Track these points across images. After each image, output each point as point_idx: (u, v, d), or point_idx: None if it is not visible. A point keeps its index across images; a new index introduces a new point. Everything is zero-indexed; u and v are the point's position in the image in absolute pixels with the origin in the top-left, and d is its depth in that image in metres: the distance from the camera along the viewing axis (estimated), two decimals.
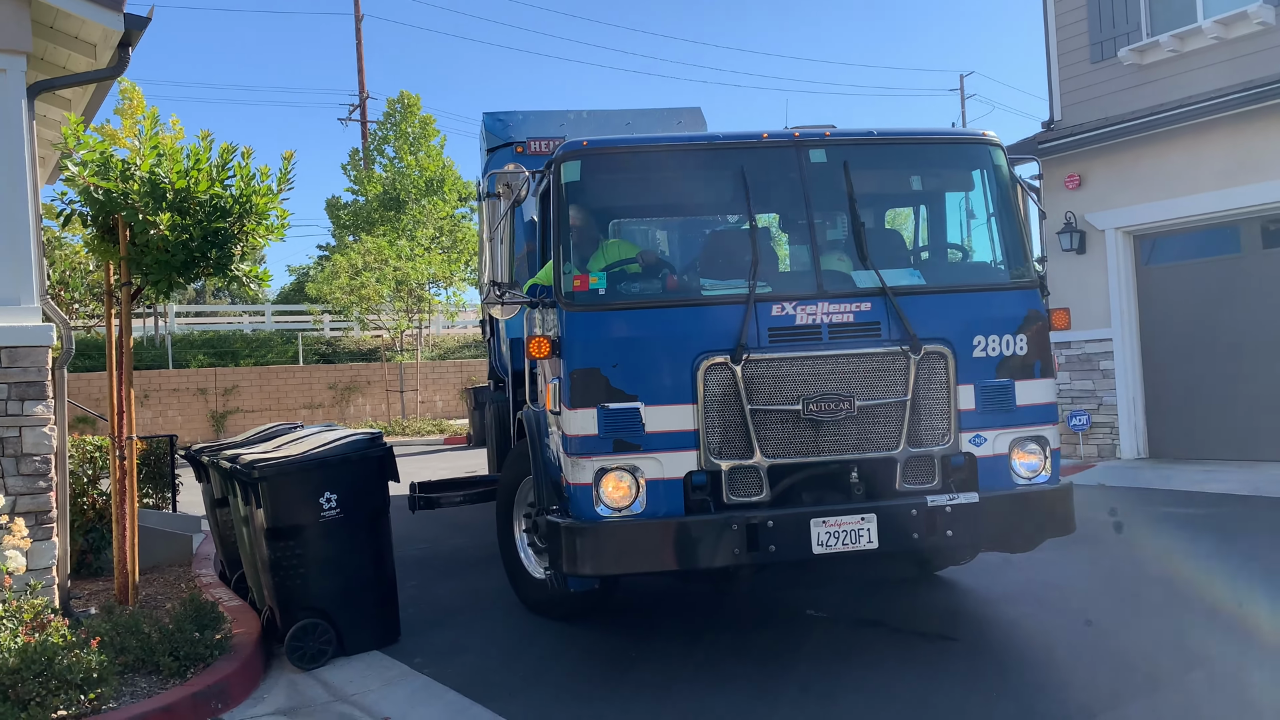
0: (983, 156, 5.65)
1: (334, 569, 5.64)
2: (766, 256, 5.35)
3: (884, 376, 5.00)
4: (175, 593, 7.08)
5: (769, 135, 5.42)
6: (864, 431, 4.98)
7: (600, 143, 5.52)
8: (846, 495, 4.97)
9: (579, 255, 5.34)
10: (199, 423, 23.49)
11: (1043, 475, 5.22)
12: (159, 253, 6.11)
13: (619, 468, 4.88)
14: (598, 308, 5.10)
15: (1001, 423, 5.15)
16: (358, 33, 34.89)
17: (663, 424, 4.89)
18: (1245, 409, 10.74)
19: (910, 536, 4.86)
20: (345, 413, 25.04)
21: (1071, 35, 12.69)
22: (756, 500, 4.89)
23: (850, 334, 5.03)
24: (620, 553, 4.80)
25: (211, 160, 6.33)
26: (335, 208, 30.87)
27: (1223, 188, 10.72)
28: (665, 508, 4.87)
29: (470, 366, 27.22)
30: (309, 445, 5.91)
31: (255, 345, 26.79)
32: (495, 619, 6.34)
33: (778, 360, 4.93)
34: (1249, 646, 5.06)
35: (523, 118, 9.57)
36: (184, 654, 5.11)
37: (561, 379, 5.02)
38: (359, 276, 23.87)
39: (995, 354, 5.16)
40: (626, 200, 6.17)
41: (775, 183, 5.46)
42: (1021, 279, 5.44)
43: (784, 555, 4.77)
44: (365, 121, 34.47)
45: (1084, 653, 5.11)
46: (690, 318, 5.07)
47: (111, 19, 5.74)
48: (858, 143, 5.49)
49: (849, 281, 5.24)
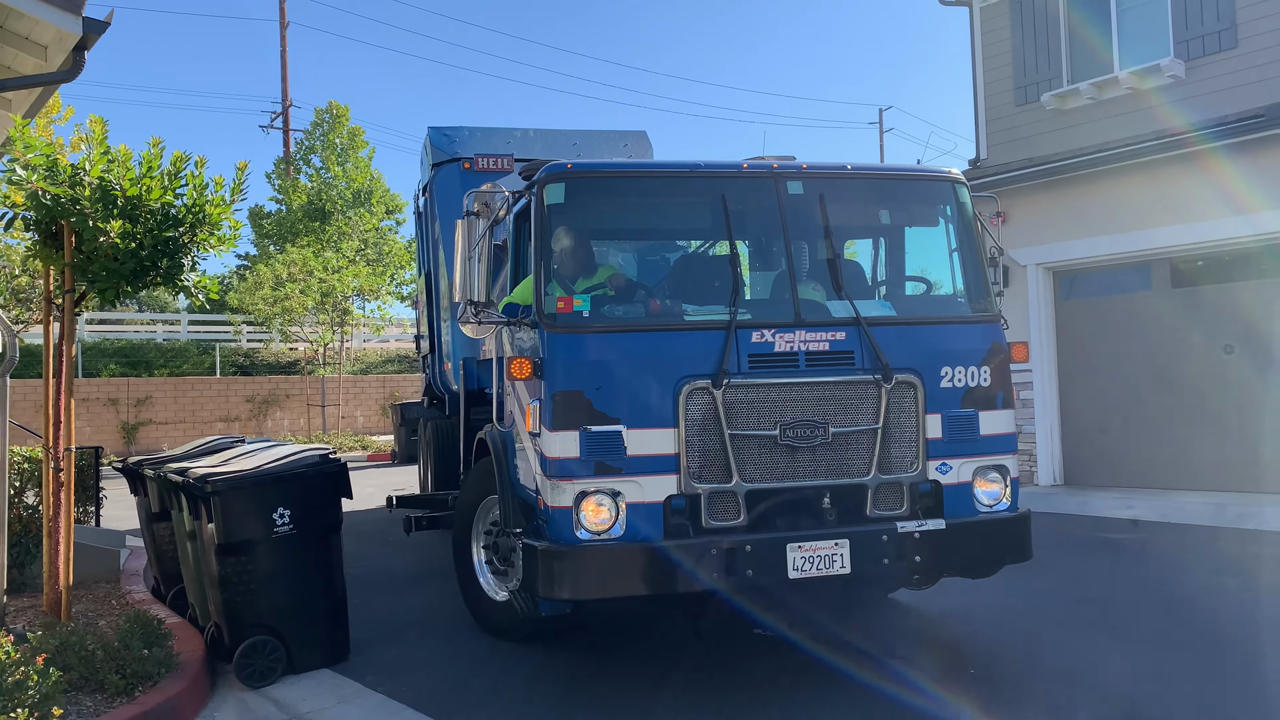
0: (949, 193, 5.83)
1: (285, 585, 5.57)
2: (748, 284, 5.38)
3: (857, 404, 5.10)
4: (106, 609, 6.86)
5: (748, 165, 5.52)
6: (837, 458, 5.07)
7: (585, 166, 5.54)
8: (819, 521, 5.04)
9: (561, 277, 5.33)
10: (109, 434, 22.68)
11: (1003, 503, 5.37)
12: (108, 260, 5.96)
13: (600, 491, 4.85)
14: (582, 330, 5.07)
15: (966, 451, 5.28)
16: (282, 39, 34.37)
17: (644, 447, 4.88)
18: (1154, 439, 11.31)
19: (881, 562, 4.96)
20: (263, 426, 24.45)
21: (997, 79, 13.28)
22: (734, 525, 4.92)
23: (826, 362, 5.12)
24: (599, 577, 4.79)
25: (163, 168, 6.22)
26: (258, 216, 30.24)
27: (1136, 229, 11.31)
28: (645, 532, 4.85)
29: (394, 381, 26.86)
30: (259, 460, 5.82)
31: (170, 355, 26.00)
32: (444, 636, 6.32)
33: (757, 386, 5.00)
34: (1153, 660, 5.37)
35: (468, 134, 9.60)
36: (131, 671, 4.97)
37: (542, 400, 4.96)
38: (282, 287, 23.39)
39: (961, 384, 5.32)
40: (608, 223, 6.19)
41: (754, 212, 5.57)
42: (985, 312, 5.62)
43: (761, 580, 4.80)
44: (288, 129, 33.90)
45: (1017, 667, 5.36)
46: (673, 342, 5.09)
47: (69, 21, 5.62)
48: (832, 176, 5.61)
49: (825, 311, 5.32)
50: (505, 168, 9.01)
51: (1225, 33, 11.03)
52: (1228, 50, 11.02)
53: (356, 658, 5.85)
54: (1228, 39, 11.02)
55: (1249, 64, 10.85)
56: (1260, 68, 10.75)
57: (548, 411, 4.91)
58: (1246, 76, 10.83)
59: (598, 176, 5.58)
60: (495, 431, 5.95)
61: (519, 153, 9.18)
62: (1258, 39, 10.79)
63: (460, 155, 9.26)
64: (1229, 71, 10.99)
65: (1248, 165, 10.14)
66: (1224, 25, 11.02)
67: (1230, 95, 10.79)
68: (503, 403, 5.82)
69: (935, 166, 6.14)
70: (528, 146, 9.40)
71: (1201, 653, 5.53)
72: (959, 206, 5.80)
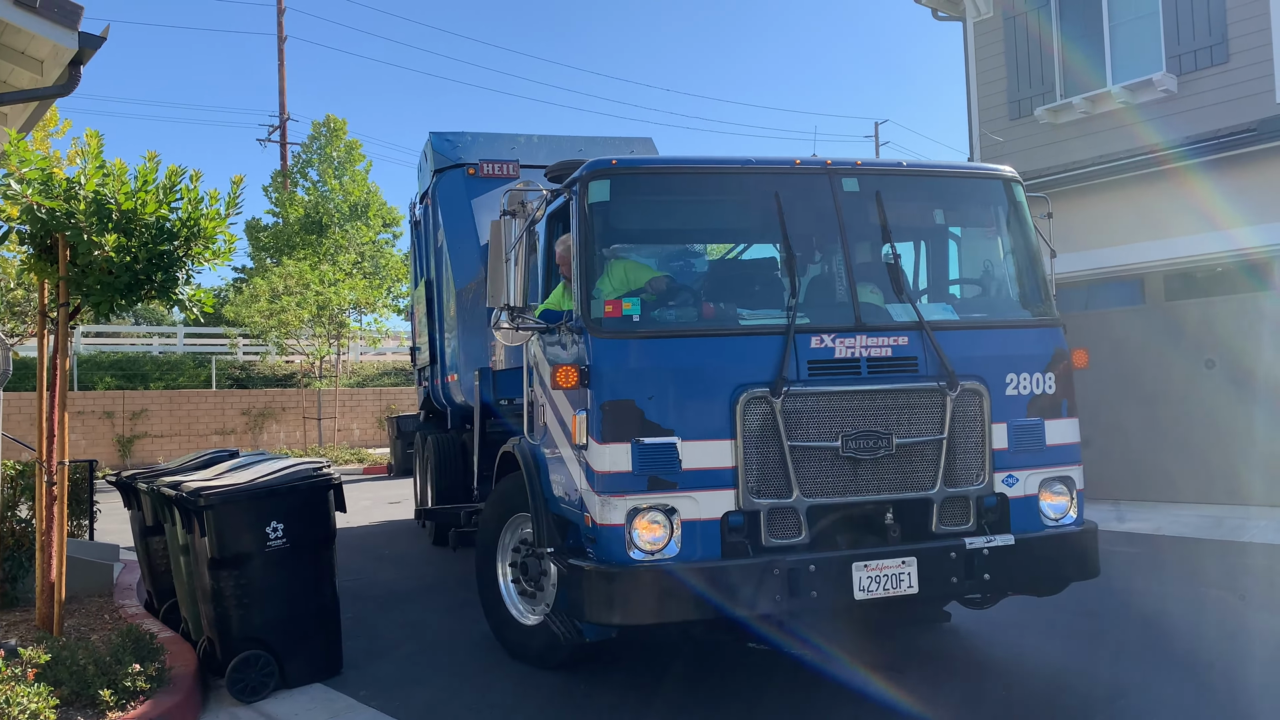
0: (1006, 192, 5.57)
1: (278, 600, 5.55)
2: (803, 286, 5.12)
3: (921, 413, 4.85)
4: (99, 624, 6.84)
5: (801, 162, 5.26)
6: (901, 470, 4.81)
7: (630, 162, 5.24)
8: (883, 538, 4.79)
9: (605, 279, 5.06)
10: (104, 447, 22.63)
11: (1069, 516, 5.15)
12: (102, 274, 5.97)
13: (653, 507, 4.56)
14: (632, 335, 4.79)
15: (1032, 462, 5.06)
16: (280, 53, 34.43)
17: (700, 460, 4.60)
18: (1149, 451, 11.32)
19: (950, 580, 4.73)
20: (259, 440, 24.41)
21: (991, 93, 13.35)
22: (795, 543, 4.65)
23: (888, 369, 4.87)
24: (654, 600, 4.47)
25: (158, 181, 6.23)
26: (255, 229, 30.27)
27: (1129, 243, 11.35)
28: (701, 551, 4.57)
29: (390, 394, 26.84)
30: (253, 473, 5.82)
31: (166, 368, 25.98)
32: (438, 651, 6.30)
33: (817, 395, 4.74)
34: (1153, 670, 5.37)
35: (471, 139, 9.49)
36: (122, 687, 4.95)
37: (590, 411, 4.66)
38: (279, 300, 23.40)
39: (1026, 392, 5.08)
40: (654, 223, 5.89)
41: (807, 210, 5.24)
42: (1045, 316, 5.39)
43: (826, 601, 4.54)
44: (285, 143, 33.95)
45: (1028, 681, 5.34)
46: (728, 348, 4.80)
47: (65, 36, 5.65)
48: (888, 173, 5.37)
49: (885, 314, 5.05)
50: (511, 174, 8.94)
51: (1217, 48, 11.10)
52: (1219, 65, 11.09)
53: (350, 672, 5.83)
54: (1219, 54, 11.09)
55: (1240, 78, 10.91)
56: (1251, 82, 10.81)
57: (596, 422, 4.63)
58: (1238, 91, 10.90)
59: (644, 174, 5.28)
60: (524, 445, 5.67)
61: (524, 159, 9.13)
62: (1249, 54, 10.86)
63: (464, 161, 9.15)
64: (1220, 86, 11.05)
65: (1239, 180, 10.19)
66: (1215, 40, 11.09)
67: (1222, 110, 10.86)
68: (534, 414, 5.52)
69: (990, 164, 5.85)
70: (532, 152, 9.33)
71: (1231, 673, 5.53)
72: (1015, 205, 5.56)
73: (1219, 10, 11.06)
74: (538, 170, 9.00)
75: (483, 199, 8.85)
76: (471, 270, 8.44)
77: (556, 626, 5.12)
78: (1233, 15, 10.98)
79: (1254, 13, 10.79)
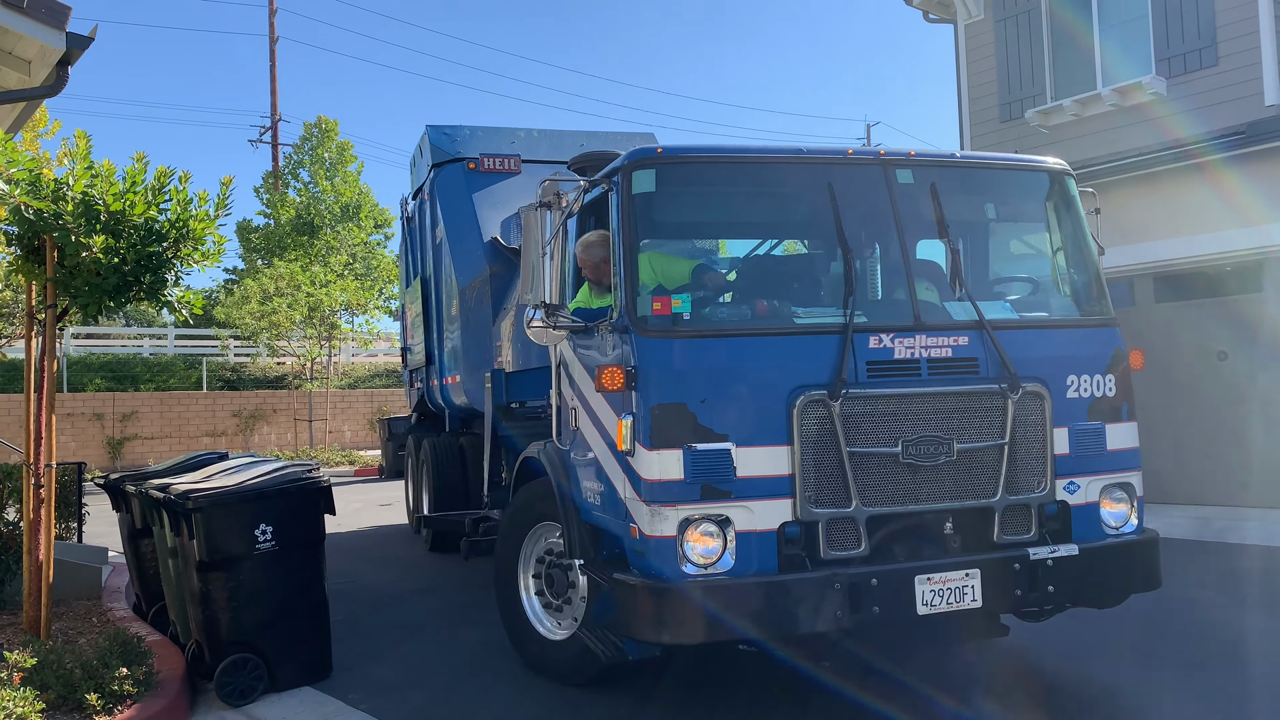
0: (1060, 185, 5.37)
1: (267, 602, 5.53)
2: (859, 282, 4.85)
3: (983, 417, 4.63)
4: (87, 627, 6.80)
5: (853, 152, 5.07)
6: (961, 477, 4.58)
7: (676, 150, 4.92)
8: (941, 548, 4.59)
9: (650, 274, 4.80)
10: (94, 449, 22.54)
11: (1130, 524, 4.96)
12: (90, 276, 5.95)
13: (707, 517, 4.31)
14: (683, 334, 4.53)
15: (1094, 468, 4.86)
16: (272, 54, 34.38)
17: (755, 468, 4.35)
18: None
19: (1014, 593, 4.53)
20: (250, 441, 24.35)
21: (982, 95, 13.38)
22: (854, 555, 4.41)
23: (949, 370, 4.65)
24: (710, 618, 4.20)
25: (147, 182, 6.21)
26: (246, 231, 30.21)
27: (1119, 244, 11.37)
28: (757, 564, 4.32)
29: (381, 396, 26.79)
30: (243, 476, 5.79)
31: (156, 370, 25.89)
32: (430, 654, 6.28)
33: (877, 397, 4.51)
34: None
35: (470, 133, 9.28)
36: (109, 690, 4.92)
37: (637, 415, 4.41)
38: (270, 301, 23.34)
39: (1087, 394, 4.89)
40: (701, 215, 5.63)
41: (861, 202, 4.98)
42: (1103, 315, 5.20)
43: (888, 617, 4.32)
44: (277, 144, 33.88)
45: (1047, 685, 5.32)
46: (784, 348, 4.56)
47: (53, 37, 5.62)
48: (942, 164, 5.17)
49: (944, 313, 4.84)
50: (513, 168, 8.78)
51: (1206, 50, 11.13)
52: (1208, 68, 11.12)
53: (340, 675, 5.81)
54: (1208, 56, 11.12)
55: (1229, 81, 10.95)
56: (1240, 85, 10.86)
57: (645, 427, 4.36)
58: (1227, 94, 10.93)
59: (692, 162, 4.94)
60: (550, 450, 5.42)
61: (525, 153, 8.94)
62: (1238, 56, 10.89)
63: (463, 155, 8.95)
64: (1210, 89, 11.09)
65: (1229, 182, 10.23)
66: (1205, 43, 11.13)
67: (1211, 112, 10.89)
68: (564, 418, 5.27)
69: (1042, 157, 5.62)
70: (533, 147, 9.16)
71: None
72: (1069, 199, 5.36)
73: (1208, 13, 11.10)
74: (539, 165, 8.86)
75: (484, 194, 8.65)
76: (475, 267, 8.24)
77: (594, 643, 4.84)
78: (1221, 18, 11.02)
79: (1243, 16, 10.83)
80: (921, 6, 14.03)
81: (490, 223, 8.39)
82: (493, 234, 8.24)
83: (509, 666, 5.84)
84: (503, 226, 8.32)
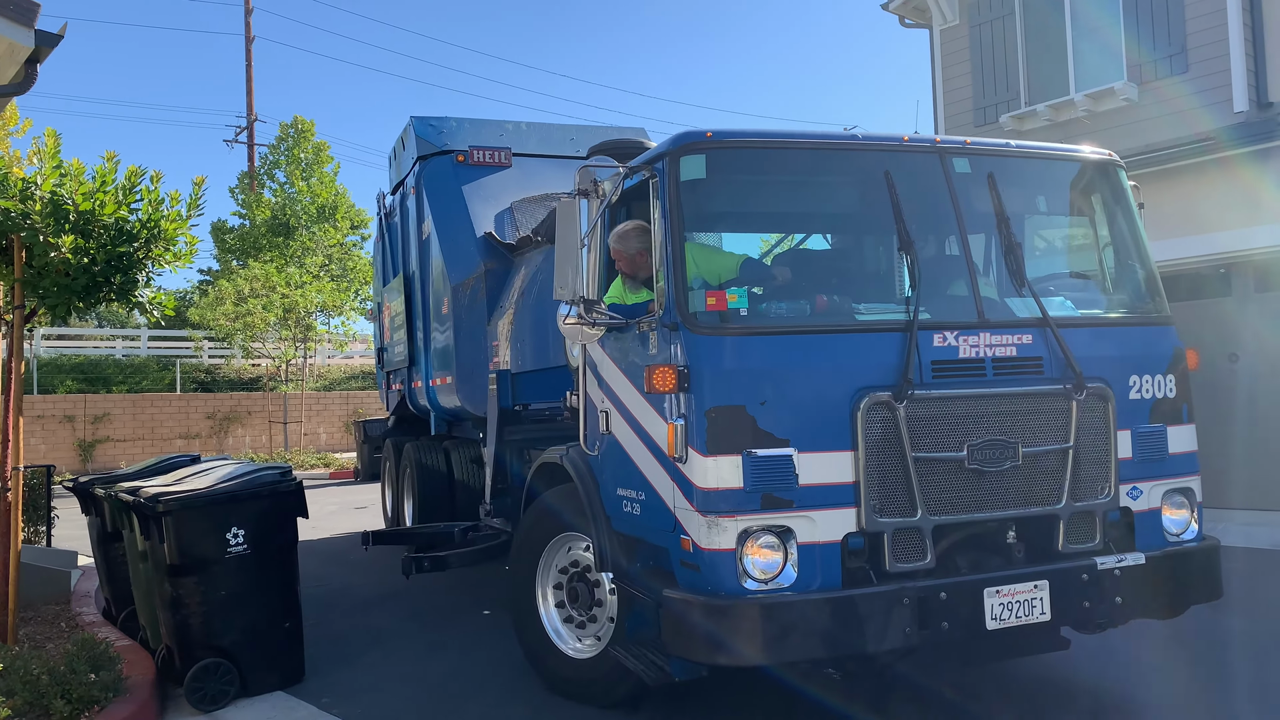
0: (1113, 176, 5.19)
1: (239, 607, 5.48)
2: (921, 277, 4.57)
3: (1047, 420, 4.44)
4: (56, 632, 6.72)
5: (909, 139, 4.83)
6: (1027, 483, 4.38)
7: (727, 135, 4.60)
8: (1006, 559, 4.38)
9: (698, 267, 4.52)
10: (65, 451, 22.26)
11: (1191, 530, 4.77)
12: (59, 276, 5.88)
13: (767, 529, 4.05)
14: (740, 331, 4.26)
15: (1156, 473, 4.68)
16: (248, 54, 34.07)
17: (818, 475, 4.11)
18: None
19: (1082, 605, 4.34)
20: (224, 444, 24.12)
21: (957, 100, 13.48)
22: (920, 567, 4.18)
23: (1013, 370, 4.44)
24: (773, 638, 3.95)
25: (118, 182, 6.15)
26: (221, 231, 29.93)
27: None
28: (821, 578, 4.07)
29: (357, 398, 26.61)
30: (214, 478, 5.74)
31: (129, 371, 25.58)
32: (402, 658, 6.25)
33: (942, 399, 4.28)
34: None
35: (457, 124, 8.95)
36: (77, 697, 4.86)
37: (690, 418, 4.13)
38: (245, 303, 23.14)
39: (1149, 395, 4.71)
40: (752, 205, 5.32)
41: (918, 192, 4.74)
42: (1161, 312, 5.02)
43: (957, 633, 4.11)
44: (253, 144, 33.58)
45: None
46: (846, 346, 4.32)
47: (21, 34, 5.55)
48: (998, 153, 4.96)
49: (1006, 309, 4.64)
50: (503, 161, 8.53)
51: (1176, 57, 11.27)
52: (1179, 74, 11.26)
53: (312, 680, 5.77)
54: (1179, 64, 11.26)
55: (1200, 87, 11.09)
56: (1210, 91, 11.00)
57: (700, 432, 4.08)
58: (1197, 100, 11.07)
59: (744, 147, 4.66)
60: (575, 455, 5.15)
61: (515, 147, 8.69)
62: (1208, 64, 11.03)
63: (451, 147, 8.64)
64: (1180, 95, 11.23)
65: (1195, 188, 10.34)
66: (1175, 50, 11.27)
67: (1182, 118, 11.02)
68: (593, 421, 5.01)
69: (1093, 147, 5.39)
70: (522, 140, 8.89)
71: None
72: (1122, 191, 5.18)
73: (1178, 20, 11.23)
74: (530, 159, 8.66)
75: (473, 187, 8.35)
76: (468, 264, 7.92)
77: (632, 663, 4.53)
78: (1191, 26, 11.16)
79: (1212, 23, 10.97)
80: (898, 11, 14.12)
81: (482, 217, 8.10)
82: (486, 229, 7.97)
83: (487, 673, 5.82)
84: (496, 221, 8.07)
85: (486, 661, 6.02)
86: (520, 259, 7.43)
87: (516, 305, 7.04)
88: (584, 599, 5.11)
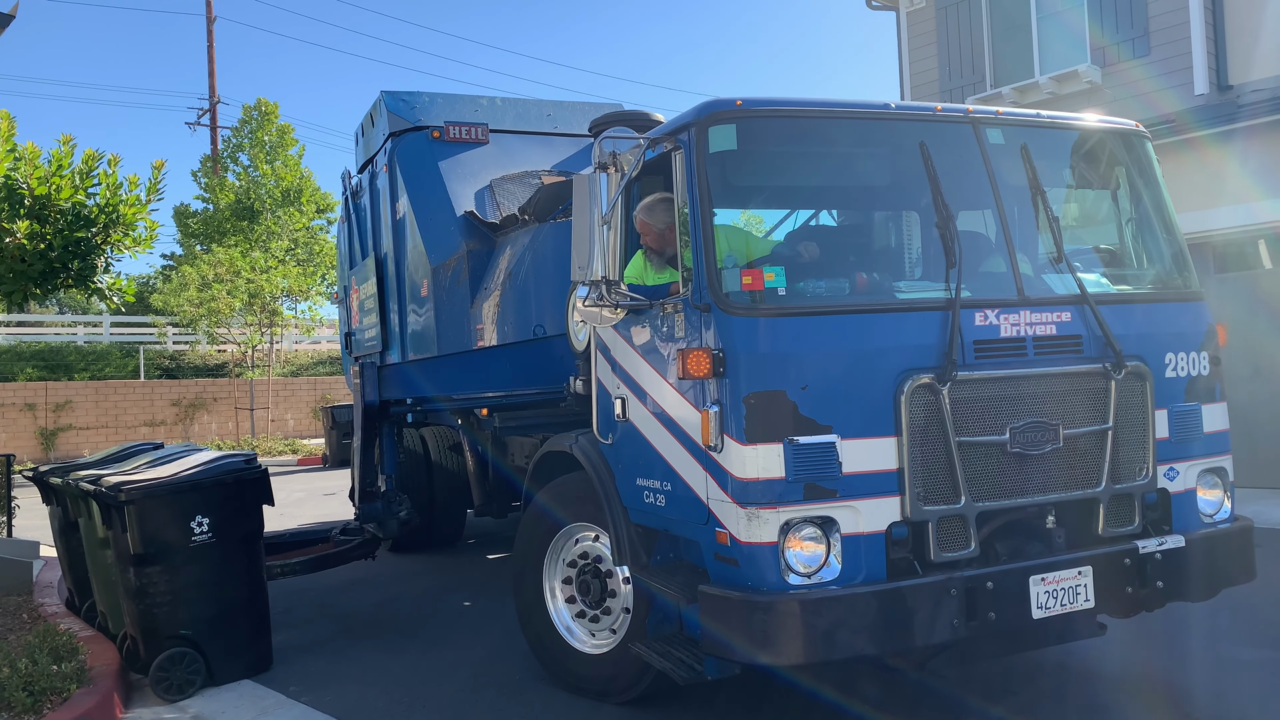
0: (1141, 148, 5.06)
1: (204, 596, 5.43)
2: (962, 252, 4.35)
3: (1087, 400, 4.31)
4: (17, 623, 6.63)
5: (942, 108, 4.63)
6: (1067, 466, 4.25)
7: (758, 103, 4.34)
8: (1046, 545, 4.24)
9: (727, 244, 4.28)
10: (26, 440, 21.90)
11: (1224, 510, 4.67)
12: (15, 262, 5.78)
13: (809, 520, 3.86)
14: (778, 312, 4.02)
15: (1191, 453, 4.58)
16: (209, 34, 33.48)
17: (861, 462, 3.92)
18: None
19: (1125, 590, 4.24)
20: (190, 431, 23.85)
21: (924, 82, 13.54)
22: (965, 556, 4.02)
23: (1054, 349, 4.29)
24: (820, 634, 3.75)
25: (74, 166, 6.04)
26: (184, 215, 29.46)
27: None
28: (866, 571, 3.90)
29: (325, 384, 26.38)
30: (177, 466, 5.68)
31: (92, 358, 25.18)
32: (367, 646, 6.22)
33: (986, 380, 4.12)
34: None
35: (430, 100, 8.68)
36: (39, 688, 4.81)
37: (726, 405, 3.92)
38: (209, 288, 22.83)
39: (1185, 374, 4.61)
40: (785, 178, 5.05)
41: (952, 164, 4.53)
42: (1191, 289, 4.89)
43: (1004, 623, 3.98)
44: (216, 126, 33.08)
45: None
46: (888, 327, 4.13)
47: None
48: (1030, 124, 4.80)
49: (1044, 286, 4.49)
50: (480, 138, 8.29)
51: (1138, 40, 11.38)
52: (1141, 57, 11.38)
53: (279, 668, 5.74)
54: (1140, 47, 11.38)
55: (1161, 70, 11.22)
56: (1172, 74, 11.13)
57: (737, 419, 3.88)
58: (1159, 82, 11.20)
59: (777, 116, 4.41)
60: (586, 443, 4.95)
61: (491, 123, 8.46)
62: (1169, 46, 11.16)
63: (424, 123, 8.37)
64: (1143, 78, 11.35)
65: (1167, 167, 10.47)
66: (1137, 33, 11.38)
67: (1143, 101, 11.14)
68: (605, 407, 4.80)
69: (1119, 118, 5.26)
70: (498, 116, 8.64)
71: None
72: (1149, 163, 5.06)
73: (1140, 4, 11.35)
74: (508, 135, 8.45)
75: (450, 164, 8.09)
76: (449, 244, 7.69)
77: (658, 661, 4.33)
78: (1154, 9, 11.27)
79: (1174, 6, 11.09)
80: None
81: (461, 196, 7.86)
82: (466, 208, 7.76)
83: (455, 660, 5.81)
84: (476, 199, 7.86)
85: (456, 648, 6.02)
86: (505, 238, 7.21)
87: (503, 286, 6.85)
88: (595, 592, 4.94)
